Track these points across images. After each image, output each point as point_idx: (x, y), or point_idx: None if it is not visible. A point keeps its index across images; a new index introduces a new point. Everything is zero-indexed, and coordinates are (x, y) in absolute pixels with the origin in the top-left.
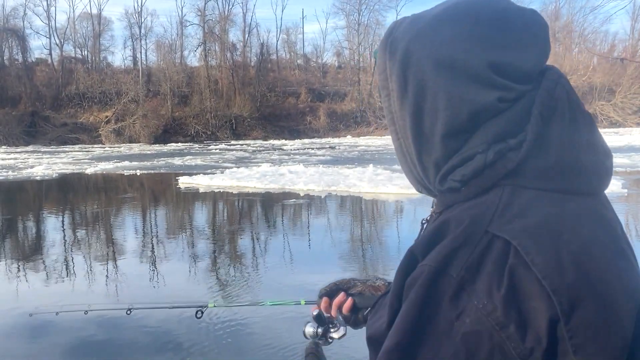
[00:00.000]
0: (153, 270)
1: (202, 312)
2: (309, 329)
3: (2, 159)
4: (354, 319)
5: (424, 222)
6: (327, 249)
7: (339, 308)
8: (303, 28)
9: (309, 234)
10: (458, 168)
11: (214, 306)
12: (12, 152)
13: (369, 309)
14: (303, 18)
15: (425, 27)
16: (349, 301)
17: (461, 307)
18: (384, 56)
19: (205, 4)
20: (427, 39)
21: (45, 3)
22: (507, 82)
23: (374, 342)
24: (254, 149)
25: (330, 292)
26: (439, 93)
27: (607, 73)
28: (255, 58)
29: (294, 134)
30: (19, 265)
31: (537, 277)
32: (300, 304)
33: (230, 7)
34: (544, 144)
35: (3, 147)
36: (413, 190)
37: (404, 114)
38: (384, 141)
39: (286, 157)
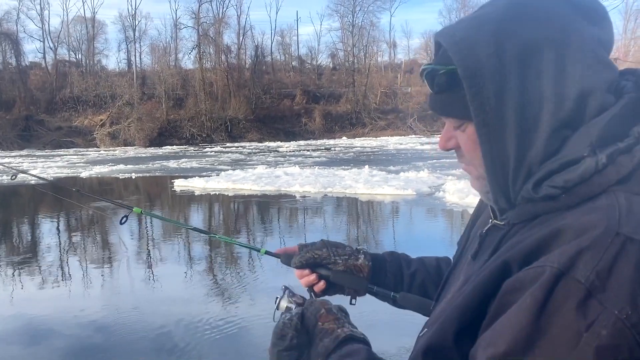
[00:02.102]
0: (149, 273)
1: (127, 217)
2: (284, 304)
3: None
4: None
5: (482, 233)
6: None
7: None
8: (297, 30)
9: (305, 235)
10: (557, 174)
11: (141, 212)
12: (6, 157)
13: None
14: (297, 20)
15: (519, 7)
16: (322, 284)
17: (592, 316)
18: (470, 50)
19: (199, 6)
20: (528, 17)
21: (38, 7)
22: (611, 61)
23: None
24: (250, 151)
25: (308, 265)
26: (545, 74)
27: None
28: (250, 60)
29: (290, 136)
30: (13, 268)
31: None
32: (259, 251)
33: (224, 10)
34: None
35: None
36: (409, 191)
37: (502, 109)
38: (379, 142)
39: (282, 159)
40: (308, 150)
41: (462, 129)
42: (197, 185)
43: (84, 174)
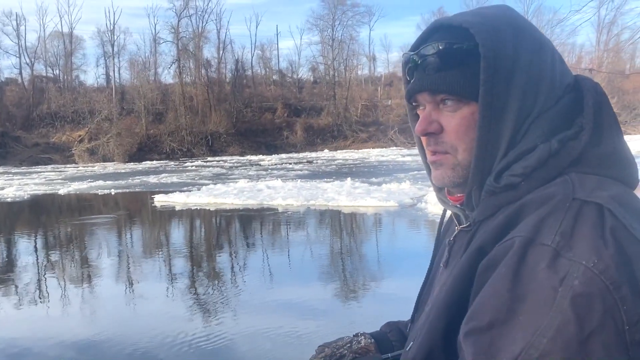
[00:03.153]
0: (129, 292)
1: None
2: None
3: None
4: None
5: (450, 241)
6: (308, 264)
7: None
8: (278, 44)
9: (288, 249)
10: (514, 164)
11: None
12: None
13: None
14: (277, 34)
15: (516, 13)
16: None
17: (563, 272)
18: (488, 34)
19: (178, 21)
20: (527, 22)
21: (14, 22)
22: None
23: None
24: (231, 165)
25: None
26: (545, 70)
27: None
28: (230, 74)
29: (271, 149)
30: None
31: (637, 238)
32: None
33: (204, 24)
34: (599, 134)
35: None
36: (391, 203)
37: (508, 96)
38: (360, 154)
39: (264, 172)
40: (290, 164)
41: (453, 109)
42: (178, 200)
43: (62, 190)
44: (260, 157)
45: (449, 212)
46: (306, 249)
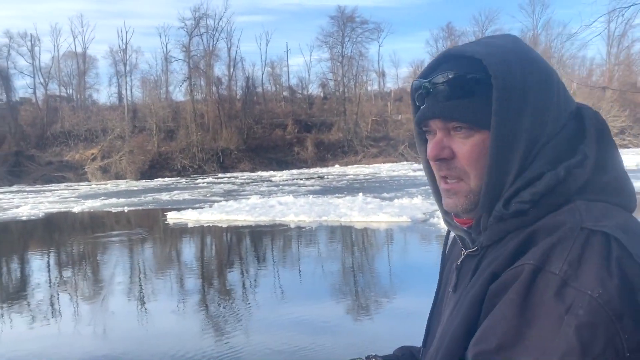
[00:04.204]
0: (142, 310)
1: None
2: None
3: None
4: None
5: (458, 265)
6: (321, 281)
7: None
8: (288, 61)
9: (301, 266)
10: (522, 191)
11: None
12: None
13: None
14: (287, 51)
15: (523, 44)
16: None
17: (569, 300)
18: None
19: (190, 40)
20: (535, 54)
21: (29, 43)
22: None
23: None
24: (242, 181)
25: None
26: (552, 101)
27: (587, 97)
28: (241, 91)
29: (282, 165)
30: (2, 309)
31: None
32: None
33: (214, 43)
34: (601, 162)
35: None
36: (403, 218)
37: (517, 126)
38: (371, 169)
39: (275, 188)
40: (301, 179)
41: (465, 136)
42: (190, 217)
43: (76, 208)
44: (271, 173)
45: (452, 233)
46: (319, 265)
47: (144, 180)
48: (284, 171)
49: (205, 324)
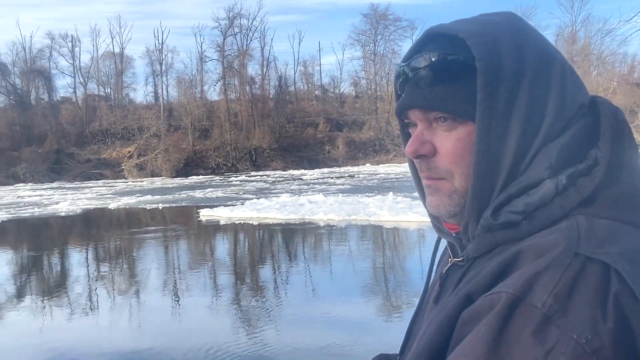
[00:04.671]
0: (176, 304)
1: None
2: None
3: (29, 196)
4: None
5: (443, 274)
6: (350, 279)
7: None
8: (320, 60)
9: (330, 264)
10: (516, 198)
11: None
12: (37, 189)
13: None
14: (320, 50)
15: (522, 22)
16: None
17: (551, 342)
18: (485, 56)
19: (224, 39)
20: (534, 31)
21: (70, 44)
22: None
23: None
24: (274, 179)
25: None
26: (553, 87)
27: (628, 95)
28: (273, 90)
29: (313, 164)
30: (43, 302)
31: None
32: None
33: (248, 42)
34: (616, 170)
35: (30, 184)
36: None
37: (509, 116)
38: (402, 169)
39: (306, 186)
40: (332, 178)
41: (448, 129)
42: (222, 214)
43: (112, 205)
44: (302, 171)
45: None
46: (347, 264)
47: (179, 178)
48: (315, 170)
49: (237, 319)
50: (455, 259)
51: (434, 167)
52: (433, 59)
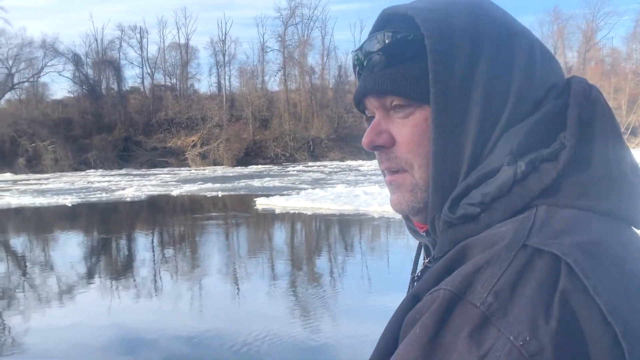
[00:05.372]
0: (234, 289)
1: None
2: None
3: (98, 182)
4: None
5: (416, 277)
6: (403, 271)
7: None
8: None
9: (386, 255)
10: (474, 189)
11: None
12: (106, 175)
13: None
14: None
15: (476, 2)
16: None
17: (487, 346)
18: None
19: (285, 29)
20: (496, 6)
21: (138, 35)
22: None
23: None
24: (331, 170)
25: None
26: (517, 65)
27: None
28: (333, 80)
29: (371, 155)
30: (112, 282)
31: (602, 310)
32: None
33: (309, 32)
34: (586, 154)
35: (100, 170)
36: None
37: (467, 98)
38: None
39: (362, 177)
40: None
41: (404, 115)
42: (277, 203)
43: (175, 192)
44: (360, 162)
45: None
46: (400, 255)
47: (239, 167)
48: (373, 161)
49: (292, 307)
50: (424, 262)
51: (393, 158)
52: (387, 41)
